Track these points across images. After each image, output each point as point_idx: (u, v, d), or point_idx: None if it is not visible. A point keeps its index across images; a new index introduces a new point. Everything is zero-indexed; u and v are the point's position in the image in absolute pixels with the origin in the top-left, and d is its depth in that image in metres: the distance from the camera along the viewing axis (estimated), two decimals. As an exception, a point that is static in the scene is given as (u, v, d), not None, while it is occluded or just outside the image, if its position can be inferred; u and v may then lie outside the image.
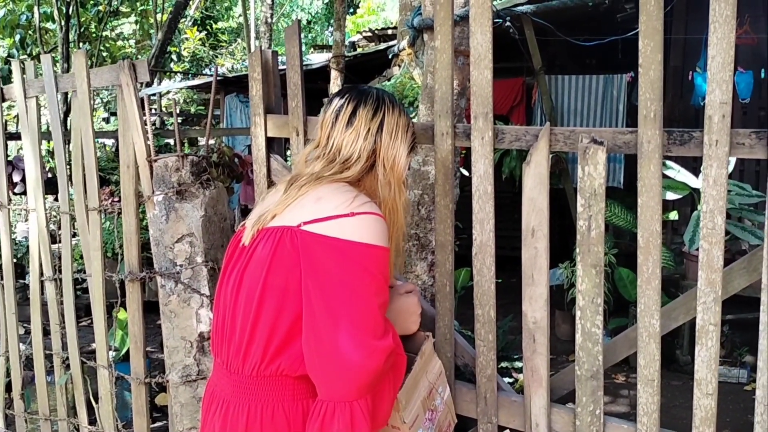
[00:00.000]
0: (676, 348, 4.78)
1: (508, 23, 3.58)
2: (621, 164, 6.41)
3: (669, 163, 4.60)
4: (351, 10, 18.72)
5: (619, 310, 5.11)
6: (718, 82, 1.55)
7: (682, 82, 6.04)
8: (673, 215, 5.13)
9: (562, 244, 6.46)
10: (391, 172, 1.61)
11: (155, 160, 2.39)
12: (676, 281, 5.01)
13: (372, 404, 1.40)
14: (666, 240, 5.63)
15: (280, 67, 2.32)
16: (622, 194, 5.78)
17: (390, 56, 4.12)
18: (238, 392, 1.50)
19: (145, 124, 2.46)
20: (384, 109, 1.62)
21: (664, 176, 4.57)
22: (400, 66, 3.89)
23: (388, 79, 4.02)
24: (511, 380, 3.48)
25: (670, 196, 4.59)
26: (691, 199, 4.52)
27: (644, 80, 1.62)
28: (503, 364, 3.50)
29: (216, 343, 1.59)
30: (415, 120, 3.66)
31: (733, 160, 4.54)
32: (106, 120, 12.01)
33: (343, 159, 1.58)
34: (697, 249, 1.61)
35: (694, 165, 4.78)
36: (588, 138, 1.70)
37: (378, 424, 1.47)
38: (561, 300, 5.23)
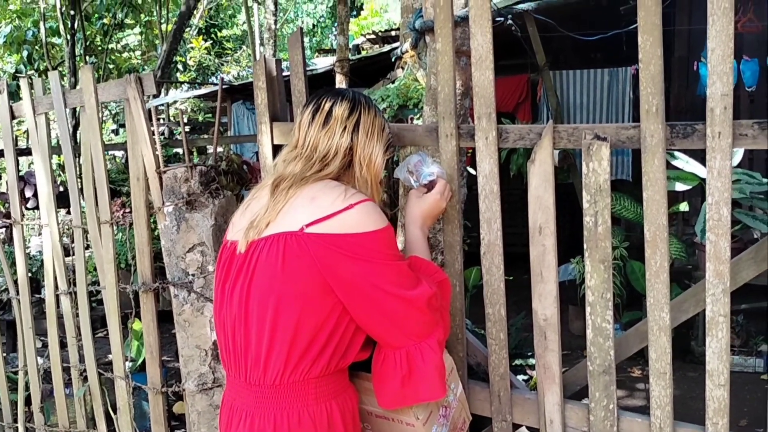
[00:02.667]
0: (691, 339, 4.77)
1: (509, 21, 3.58)
2: (629, 157, 6.40)
3: (677, 153, 4.58)
4: (354, 13, 18.75)
5: (633, 303, 5.10)
6: (718, 74, 1.55)
7: (687, 72, 6.02)
8: (684, 206, 5.11)
9: (574, 239, 6.43)
10: (368, 170, 1.65)
11: (164, 172, 2.42)
12: (689, 272, 5.00)
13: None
14: (677, 231, 5.61)
15: (285, 73, 2.34)
16: (631, 187, 5.76)
17: (393, 59, 4.13)
18: (261, 403, 1.52)
19: (153, 135, 2.49)
20: (360, 108, 1.66)
21: (674, 167, 4.57)
22: (403, 68, 3.90)
23: (392, 82, 4.03)
24: (525, 377, 3.49)
25: (680, 187, 4.57)
26: (701, 190, 4.50)
27: (645, 75, 1.63)
28: (517, 362, 3.50)
29: (228, 359, 1.59)
30: (419, 122, 3.68)
31: (741, 149, 4.52)
32: (116, 131, 12.09)
33: (320, 156, 1.61)
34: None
35: (702, 155, 4.76)
36: (591, 134, 1.71)
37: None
38: (574, 295, 5.22)
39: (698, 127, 1.63)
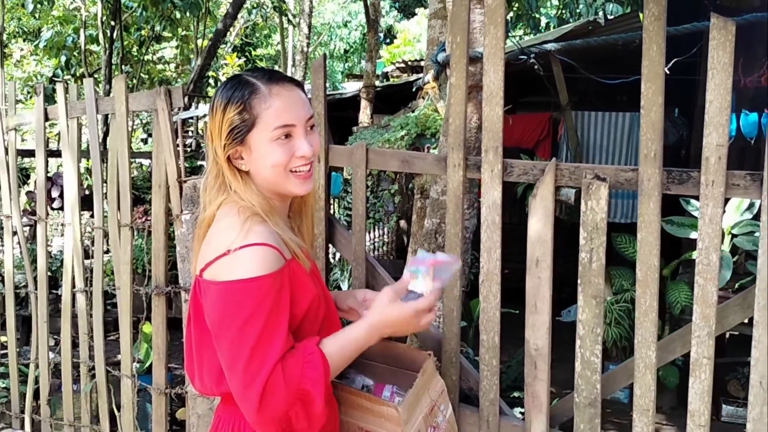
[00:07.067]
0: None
1: (532, 60, 3.67)
2: (643, 201, 6.42)
3: (693, 201, 4.61)
4: (388, 41, 18.99)
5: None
6: (715, 126, 1.63)
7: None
8: (695, 254, 5.11)
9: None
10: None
11: (185, 181, 2.53)
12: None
13: None
14: (690, 279, 5.60)
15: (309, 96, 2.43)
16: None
17: (415, 89, 4.24)
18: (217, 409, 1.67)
19: (178, 147, 2.59)
20: (211, 108, 1.59)
21: (689, 215, 4.59)
22: (424, 98, 4.00)
23: (413, 111, 4.13)
24: (523, 410, 3.51)
25: (694, 235, 4.58)
26: (713, 239, 4.50)
27: (645, 121, 1.70)
28: (515, 394, 3.53)
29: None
30: (435, 151, 3.77)
31: (757, 202, 4.54)
32: (145, 141, 12.33)
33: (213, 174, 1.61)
34: (722, 288, 1.68)
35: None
36: (591, 174, 1.78)
37: None
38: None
39: (693, 175, 1.69)
